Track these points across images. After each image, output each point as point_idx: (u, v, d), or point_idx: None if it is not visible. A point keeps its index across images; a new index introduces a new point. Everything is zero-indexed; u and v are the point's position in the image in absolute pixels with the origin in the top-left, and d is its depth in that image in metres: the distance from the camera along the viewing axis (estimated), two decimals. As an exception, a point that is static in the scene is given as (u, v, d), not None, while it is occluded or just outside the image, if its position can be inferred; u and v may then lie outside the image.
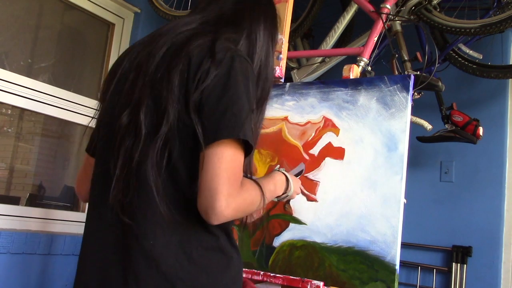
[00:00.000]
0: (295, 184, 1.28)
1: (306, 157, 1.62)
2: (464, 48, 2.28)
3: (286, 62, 1.76)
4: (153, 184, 0.93)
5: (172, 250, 0.93)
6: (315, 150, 1.62)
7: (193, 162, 0.94)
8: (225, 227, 1.00)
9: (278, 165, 1.28)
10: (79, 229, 2.39)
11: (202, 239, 0.95)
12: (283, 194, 1.23)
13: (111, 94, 1.07)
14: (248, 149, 0.96)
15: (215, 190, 0.88)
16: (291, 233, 1.58)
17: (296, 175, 1.59)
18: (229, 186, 0.89)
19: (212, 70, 0.94)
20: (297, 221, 1.58)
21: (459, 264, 2.32)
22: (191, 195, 0.93)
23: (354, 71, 1.68)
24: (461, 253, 2.33)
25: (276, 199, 1.25)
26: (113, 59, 2.66)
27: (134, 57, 1.06)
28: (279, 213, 1.60)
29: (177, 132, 0.94)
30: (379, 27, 1.96)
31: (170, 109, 0.94)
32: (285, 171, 1.26)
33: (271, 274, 1.55)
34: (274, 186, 1.17)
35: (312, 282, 1.46)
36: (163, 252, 0.93)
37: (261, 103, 1.11)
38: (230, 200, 0.89)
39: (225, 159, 0.90)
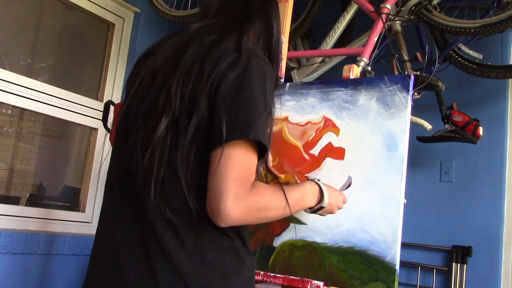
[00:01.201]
0: (335, 197, 1.22)
1: (307, 157, 1.62)
2: (464, 48, 2.28)
3: (286, 62, 1.76)
4: (182, 177, 0.91)
5: (187, 249, 0.92)
6: (315, 150, 1.62)
7: (206, 162, 0.91)
8: (239, 231, 0.99)
9: (316, 176, 1.19)
10: (79, 229, 2.39)
11: (216, 240, 0.95)
12: (315, 205, 1.16)
13: (131, 99, 1.04)
14: (263, 150, 0.93)
15: (221, 190, 0.86)
16: (291, 233, 1.58)
17: (345, 188, 1.48)
18: (236, 187, 0.87)
19: (229, 73, 0.93)
20: (297, 221, 1.58)
21: (459, 264, 2.32)
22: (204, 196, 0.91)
23: (354, 71, 1.68)
24: (461, 253, 2.33)
25: (308, 211, 1.18)
26: (113, 59, 2.66)
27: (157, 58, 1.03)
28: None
29: (202, 131, 0.92)
30: (379, 27, 1.96)
31: (201, 106, 0.92)
32: (320, 181, 1.18)
33: (271, 274, 1.55)
34: (301, 195, 1.09)
35: (312, 282, 1.46)
36: (179, 250, 0.92)
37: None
38: (237, 202, 0.87)
39: (233, 160, 0.88)
